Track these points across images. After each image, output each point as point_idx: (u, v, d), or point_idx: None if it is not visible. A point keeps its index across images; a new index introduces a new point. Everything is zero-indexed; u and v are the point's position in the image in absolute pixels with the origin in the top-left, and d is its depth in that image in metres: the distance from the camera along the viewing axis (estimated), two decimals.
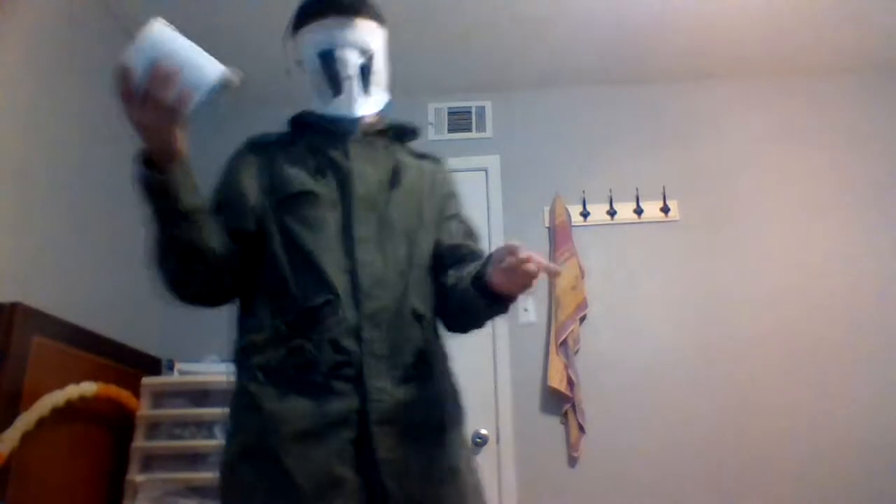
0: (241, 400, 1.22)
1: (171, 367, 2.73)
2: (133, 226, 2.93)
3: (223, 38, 2.95)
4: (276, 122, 1.49)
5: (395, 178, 1.35)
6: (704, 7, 2.87)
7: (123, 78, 1.06)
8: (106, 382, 2.38)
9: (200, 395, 2.56)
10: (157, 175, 1.12)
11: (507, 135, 3.31)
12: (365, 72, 1.37)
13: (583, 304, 2.97)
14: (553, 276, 1.15)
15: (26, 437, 2.02)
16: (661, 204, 3.16)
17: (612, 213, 3.18)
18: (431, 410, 1.25)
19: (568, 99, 3.36)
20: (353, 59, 1.36)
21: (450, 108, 3.36)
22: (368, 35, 1.38)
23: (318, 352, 1.19)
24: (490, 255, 1.18)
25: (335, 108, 1.38)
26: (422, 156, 1.47)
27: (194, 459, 2.46)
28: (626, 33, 3.01)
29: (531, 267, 1.08)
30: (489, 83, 3.33)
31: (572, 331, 2.93)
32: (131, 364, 2.67)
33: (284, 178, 1.31)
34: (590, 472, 2.81)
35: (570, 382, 2.86)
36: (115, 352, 2.61)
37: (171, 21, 1.12)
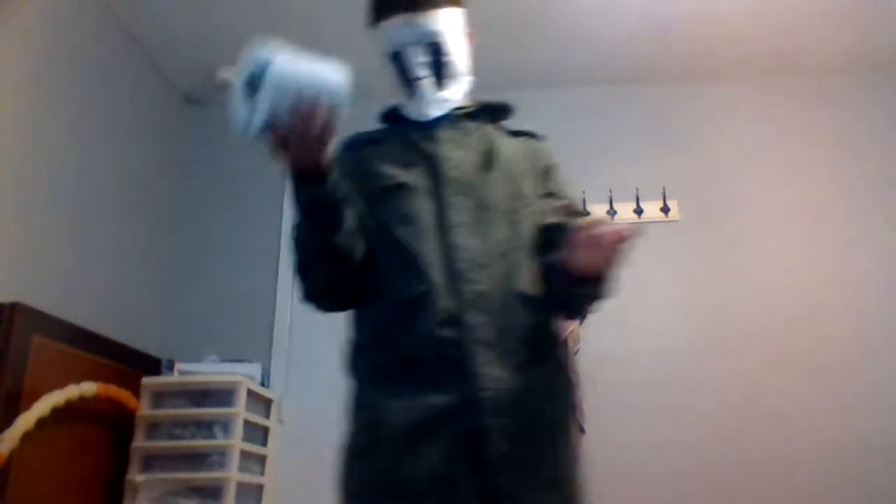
0: (351, 400, 1.23)
1: (171, 367, 2.73)
2: (133, 226, 2.95)
3: (224, 38, 2.96)
4: None
5: (489, 160, 1.31)
6: (705, 7, 2.87)
7: (270, 131, 1.04)
8: (106, 382, 2.38)
9: (200, 395, 2.56)
10: (321, 193, 1.12)
11: None
12: (437, 66, 1.34)
13: None
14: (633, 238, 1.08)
15: (26, 437, 2.02)
16: (661, 204, 3.16)
17: (612, 213, 3.17)
18: (546, 403, 1.19)
19: (568, 99, 3.36)
20: (420, 59, 1.32)
21: None
22: (438, 25, 1.33)
23: (418, 345, 1.15)
24: (567, 236, 1.12)
25: (411, 111, 1.36)
26: (518, 133, 1.43)
27: (194, 459, 2.46)
28: (627, 34, 3.01)
29: (612, 238, 1.05)
30: (490, 83, 3.32)
31: (572, 331, 2.93)
32: (131, 364, 2.67)
33: (376, 174, 1.29)
34: (590, 472, 2.80)
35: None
36: (115, 352, 2.61)
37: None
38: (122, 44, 2.92)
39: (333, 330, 3.31)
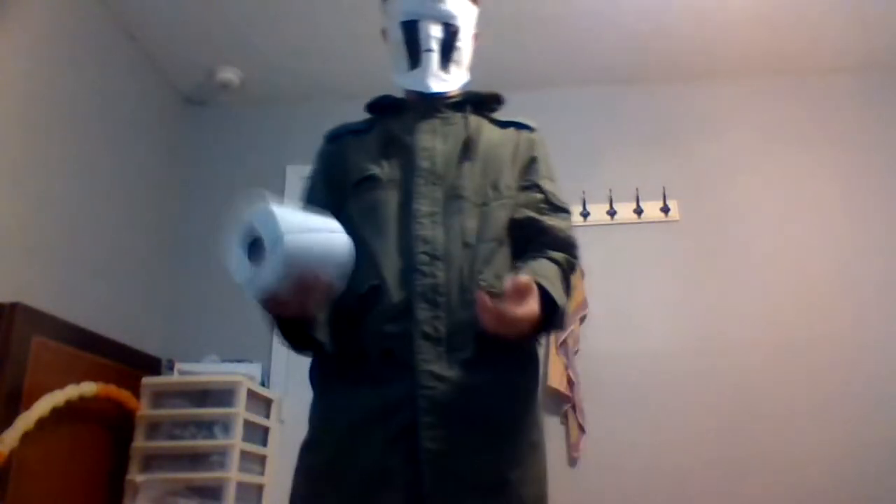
0: (313, 397, 1.24)
1: (171, 367, 2.74)
2: (133, 226, 2.95)
3: (224, 37, 2.96)
4: (275, 122, 1.48)
5: (467, 150, 1.29)
6: (704, 7, 2.87)
7: (269, 301, 1.05)
8: (106, 382, 2.38)
9: (200, 395, 2.56)
10: (298, 347, 1.20)
11: None
12: (446, 47, 1.34)
13: (583, 304, 2.97)
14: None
15: (26, 437, 2.02)
16: (661, 204, 3.16)
17: (612, 213, 3.17)
18: (492, 404, 1.14)
19: (568, 99, 3.36)
20: (435, 32, 1.32)
21: None
22: (457, 9, 1.34)
23: (366, 340, 1.14)
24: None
25: (410, 81, 1.34)
26: (507, 123, 1.41)
27: (194, 459, 2.46)
28: (627, 33, 3.01)
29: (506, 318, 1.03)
30: (489, 83, 3.32)
31: (572, 331, 2.93)
32: (131, 364, 2.67)
33: (350, 167, 1.28)
34: (590, 472, 2.81)
35: (570, 382, 2.86)
36: (115, 352, 2.61)
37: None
38: (122, 43, 2.92)
39: None
